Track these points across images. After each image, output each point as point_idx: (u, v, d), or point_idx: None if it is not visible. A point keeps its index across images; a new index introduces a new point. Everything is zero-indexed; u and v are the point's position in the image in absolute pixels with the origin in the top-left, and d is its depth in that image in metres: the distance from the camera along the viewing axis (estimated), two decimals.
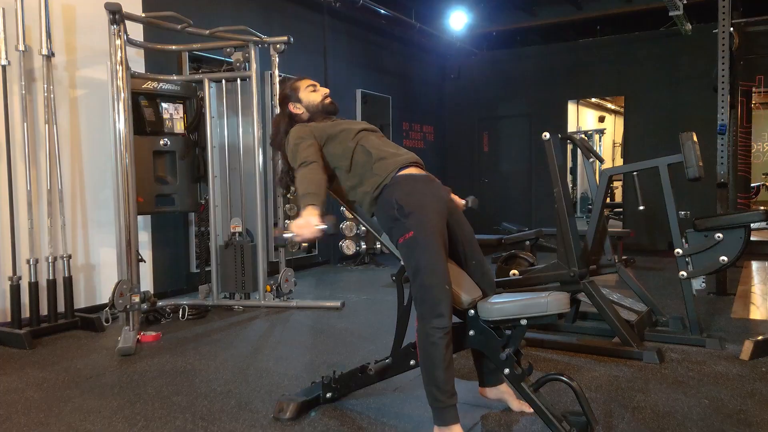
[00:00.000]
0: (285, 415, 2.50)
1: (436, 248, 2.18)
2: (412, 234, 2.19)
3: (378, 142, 2.44)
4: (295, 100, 2.60)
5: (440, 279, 2.15)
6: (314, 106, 2.58)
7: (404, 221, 2.21)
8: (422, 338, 2.17)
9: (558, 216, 3.41)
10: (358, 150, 2.38)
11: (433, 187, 2.36)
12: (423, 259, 2.17)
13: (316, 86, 2.63)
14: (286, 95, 2.63)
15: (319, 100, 2.59)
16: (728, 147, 4.93)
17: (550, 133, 3.36)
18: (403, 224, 2.21)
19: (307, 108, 2.58)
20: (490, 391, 2.55)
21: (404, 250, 2.23)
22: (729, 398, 2.68)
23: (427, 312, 2.15)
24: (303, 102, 2.58)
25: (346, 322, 4.29)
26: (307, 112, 2.58)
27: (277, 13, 6.49)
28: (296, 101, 2.60)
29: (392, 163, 2.34)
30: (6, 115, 3.95)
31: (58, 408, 2.69)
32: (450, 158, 9.65)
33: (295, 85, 2.62)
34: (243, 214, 4.77)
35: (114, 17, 3.85)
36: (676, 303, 4.50)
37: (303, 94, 2.59)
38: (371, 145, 2.40)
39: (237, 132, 4.80)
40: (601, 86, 8.93)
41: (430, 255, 2.16)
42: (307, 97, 2.59)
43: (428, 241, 2.18)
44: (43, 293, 3.99)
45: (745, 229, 3.35)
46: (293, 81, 2.65)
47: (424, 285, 2.16)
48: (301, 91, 2.60)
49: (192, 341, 3.82)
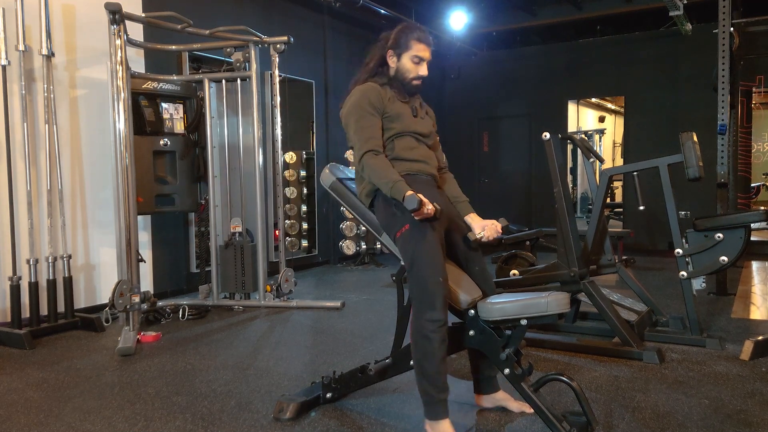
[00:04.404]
0: (285, 415, 2.50)
1: (432, 241, 2.19)
2: (408, 227, 2.21)
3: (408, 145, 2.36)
4: (397, 54, 2.38)
5: (435, 271, 2.17)
6: (402, 76, 2.38)
7: (401, 216, 2.23)
8: (415, 331, 2.19)
9: (558, 216, 3.41)
10: (389, 146, 2.35)
11: (429, 188, 2.36)
12: (418, 251, 2.19)
13: (422, 62, 2.39)
14: (396, 42, 2.37)
15: (410, 76, 2.38)
16: (728, 147, 4.92)
17: (550, 133, 3.36)
18: (400, 218, 2.24)
19: (398, 70, 2.39)
20: (486, 399, 2.56)
21: (401, 243, 2.26)
22: (729, 398, 2.68)
23: (422, 304, 2.17)
24: (400, 62, 2.38)
25: (346, 322, 4.29)
26: (395, 72, 2.39)
27: (277, 13, 6.49)
28: (397, 56, 2.38)
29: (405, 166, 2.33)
30: (6, 115, 3.95)
31: (58, 408, 2.69)
32: (450, 158, 9.48)
33: (410, 42, 2.36)
34: (243, 214, 4.77)
35: (114, 17, 3.86)
36: (676, 303, 4.50)
37: (406, 57, 2.37)
38: (400, 145, 2.35)
39: (237, 132, 4.80)
40: (601, 86, 8.93)
41: (425, 247, 2.18)
42: (405, 64, 2.38)
43: (424, 233, 2.19)
44: (43, 293, 3.99)
45: (745, 229, 3.35)
46: (413, 36, 2.37)
47: (420, 277, 2.18)
48: (408, 53, 2.37)
49: (192, 341, 3.82)
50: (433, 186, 2.42)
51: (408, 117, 2.39)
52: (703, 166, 3.40)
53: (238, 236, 4.73)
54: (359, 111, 2.31)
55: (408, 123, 2.37)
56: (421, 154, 2.40)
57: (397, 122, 2.35)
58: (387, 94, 2.36)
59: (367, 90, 2.34)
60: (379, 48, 2.44)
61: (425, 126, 2.46)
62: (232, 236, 4.74)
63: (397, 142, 2.35)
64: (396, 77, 2.40)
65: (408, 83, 2.40)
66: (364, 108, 2.31)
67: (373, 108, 2.31)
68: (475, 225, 2.38)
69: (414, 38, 2.37)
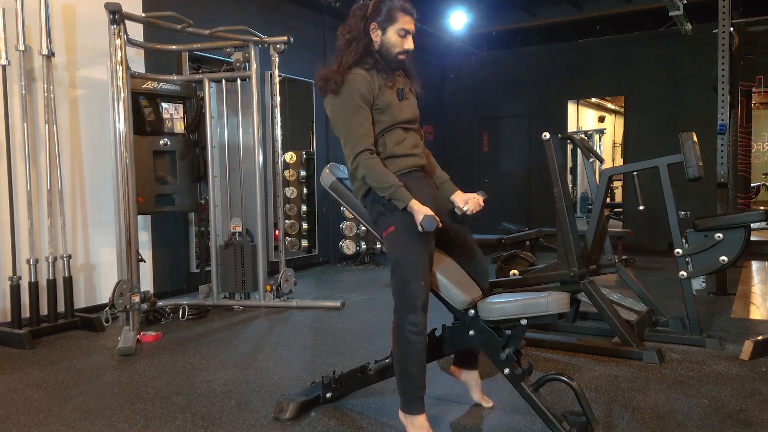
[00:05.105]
0: (285, 415, 2.50)
1: (416, 244, 2.19)
2: (394, 229, 2.22)
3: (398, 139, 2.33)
4: (381, 27, 2.26)
5: (417, 275, 2.18)
6: (387, 51, 2.27)
7: (389, 216, 2.23)
8: (397, 333, 2.20)
9: (558, 216, 3.41)
10: (380, 141, 2.31)
11: (422, 185, 2.36)
12: (402, 254, 2.20)
13: (408, 35, 2.28)
14: (377, 12, 2.25)
15: (396, 51, 2.27)
16: (728, 147, 4.93)
17: (550, 133, 3.36)
18: (387, 218, 2.24)
19: (382, 44, 2.27)
20: (464, 374, 2.59)
21: (386, 243, 2.27)
22: (729, 398, 2.68)
23: (403, 307, 2.19)
24: (385, 35, 2.26)
25: (346, 322, 4.29)
26: (379, 46, 2.28)
27: (277, 13, 6.49)
28: (381, 29, 2.26)
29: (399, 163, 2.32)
30: (6, 115, 3.95)
31: (58, 408, 2.69)
32: (450, 158, 9.64)
33: (394, 13, 2.25)
34: (243, 214, 4.77)
35: (114, 17, 3.86)
36: (676, 303, 4.50)
37: (391, 30, 2.26)
38: (391, 140, 2.31)
39: (237, 132, 4.80)
40: (601, 86, 8.93)
41: (409, 251, 2.19)
42: (391, 38, 2.26)
43: (409, 237, 2.19)
44: (43, 293, 3.99)
45: (745, 229, 3.35)
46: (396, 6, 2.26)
47: (401, 279, 2.19)
48: (393, 26, 2.25)
49: (192, 341, 3.82)
50: (426, 182, 2.42)
51: (396, 106, 2.31)
52: (703, 166, 3.40)
53: (238, 236, 4.73)
54: (351, 106, 2.22)
55: (396, 114, 2.30)
56: (411, 144, 2.37)
57: (386, 114, 2.28)
58: (375, 82, 2.26)
59: (357, 81, 2.22)
60: (358, 19, 2.29)
61: (411, 109, 2.39)
62: (232, 236, 4.74)
63: (388, 137, 2.30)
64: (380, 52, 2.28)
65: (393, 58, 2.29)
66: (355, 102, 2.21)
67: (364, 101, 2.22)
68: (458, 201, 2.39)
69: (399, 9, 2.25)
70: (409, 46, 2.30)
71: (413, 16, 2.30)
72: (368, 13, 2.28)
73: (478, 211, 2.33)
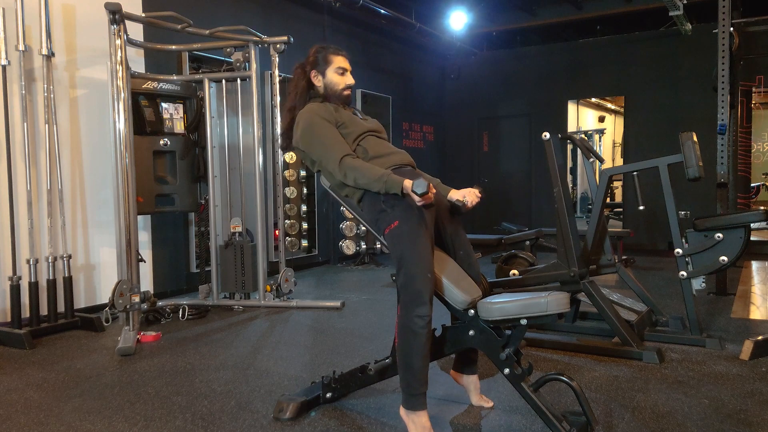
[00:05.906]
0: (285, 415, 2.50)
1: (421, 238, 2.21)
2: (398, 224, 2.23)
3: (376, 143, 2.44)
4: (321, 71, 2.50)
5: (423, 268, 2.19)
6: (332, 90, 2.49)
7: (390, 212, 2.25)
8: (403, 326, 2.21)
9: (558, 216, 3.41)
10: (358, 150, 2.40)
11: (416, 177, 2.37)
12: (407, 248, 2.21)
13: (346, 72, 2.52)
14: (316, 61, 2.50)
15: (340, 88, 2.49)
16: (728, 147, 4.93)
17: (550, 133, 3.36)
18: (389, 214, 2.25)
19: (326, 86, 2.49)
20: (463, 378, 2.61)
21: (390, 240, 2.27)
22: (729, 398, 2.68)
23: (410, 300, 2.19)
24: (326, 78, 2.49)
25: (346, 322, 4.29)
26: (324, 89, 2.50)
27: (277, 13, 6.49)
28: (321, 74, 2.50)
29: (386, 161, 2.38)
30: (6, 115, 3.95)
31: (58, 408, 2.69)
32: (450, 158, 9.65)
33: (329, 57, 2.50)
34: (243, 214, 4.78)
35: (114, 17, 3.86)
36: (676, 303, 4.51)
37: (330, 71, 2.49)
38: (369, 145, 2.42)
39: (237, 132, 4.80)
40: (601, 86, 8.93)
41: (414, 245, 2.20)
42: (332, 78, 2.49)
43: (413, 231, 2.21)
44: (43, 293, 3.99)
45: (745, 229, 3.35)
46: (330, 51, 2.52)
47: (408, 274, 2.20)
48: (331, 67, 2.49)
49: (192, 341, 3.82)
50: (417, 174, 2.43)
51: (358, 121, 2.48)
52: (702, 166, 3.40)
53: (238, 236, 4.73)
54: (317, 127, 2.36)
55: (361, 125, 2.46)
56: (391, 148, 2.48)
57: (352, 126, 2.42)
58: (330, 107, 2.44)
59: (312, 109, 2.41)
60: (299, 75, 2.53)
61: (374, 123, 2.54)
62: (232, 236, 4.74)
63: (365, 144, 2.40)
64: (327, 93, 2.49)
65: (339, 94, 2.49)
66: (320, 123, 2.37)
67: (328, 119, 2.39)
68: (456, 195, 2.40)
69: (331, 53, 2.51)
70: (351, 82, 2.53)
71: (346, 57, 2.56)
72: (306, 68, 2.53)
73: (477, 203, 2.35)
